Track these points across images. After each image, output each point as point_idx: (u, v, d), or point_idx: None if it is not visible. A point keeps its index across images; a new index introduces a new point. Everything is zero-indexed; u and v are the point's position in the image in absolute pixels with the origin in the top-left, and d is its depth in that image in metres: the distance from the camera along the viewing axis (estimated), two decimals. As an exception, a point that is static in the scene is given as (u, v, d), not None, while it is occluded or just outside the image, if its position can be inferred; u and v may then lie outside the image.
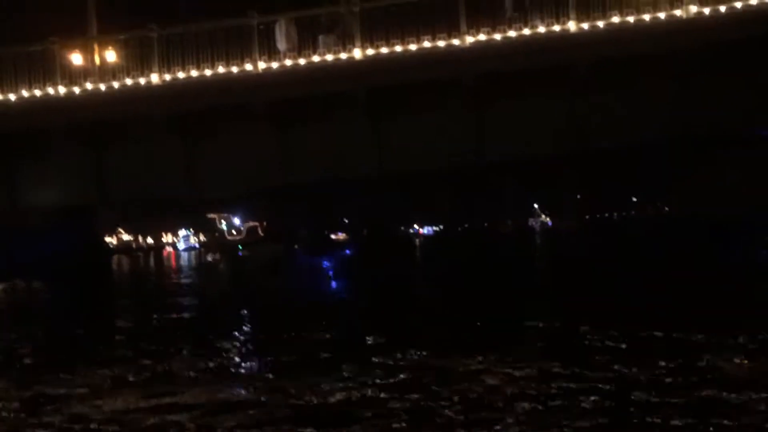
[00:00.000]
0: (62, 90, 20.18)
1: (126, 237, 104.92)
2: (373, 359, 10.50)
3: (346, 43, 19.20)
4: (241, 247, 61.78)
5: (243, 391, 9.21)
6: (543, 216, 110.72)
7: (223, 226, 67.30)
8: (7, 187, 21.31)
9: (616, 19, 18.31)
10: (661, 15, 18.34)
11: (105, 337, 15.40)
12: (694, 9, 18.14)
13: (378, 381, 9.19)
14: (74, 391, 10.07)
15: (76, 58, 20.81)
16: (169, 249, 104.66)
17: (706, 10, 18.11)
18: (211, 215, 67.17)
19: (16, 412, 9.15)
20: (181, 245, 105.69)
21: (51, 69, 20.21)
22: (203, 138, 20.69)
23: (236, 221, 67.60)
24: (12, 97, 20.22)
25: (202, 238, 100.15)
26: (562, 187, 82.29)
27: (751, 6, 17.93)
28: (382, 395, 8.45)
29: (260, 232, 64.75)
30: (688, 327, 11.47)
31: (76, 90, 20.22)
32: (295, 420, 7.61)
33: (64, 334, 16.28)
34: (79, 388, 10.20)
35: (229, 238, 65.57)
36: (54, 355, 13.60)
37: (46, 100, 20.13)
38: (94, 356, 12.62)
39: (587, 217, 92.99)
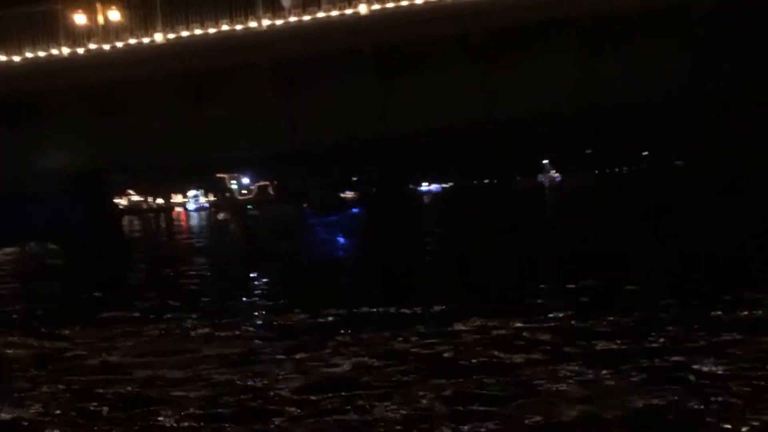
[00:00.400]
0: (66, 51, 20.01)
1: (136, 198, 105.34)
2: (379, 325, 10.44)
3: (352, -1, 18.86)
4: (249, 206, 61.99)
5: (252, 358, 9.22)
6: (553, 172, 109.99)
7: (234, 185, 67.50)
8: (16, 151, 21.32)
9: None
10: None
11: (117, 295, 15.56)
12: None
13: (385, 347, 9.13)
14: (82, 343, 10.27)
15: (80, 18, 20.57)
16: (178, 209, 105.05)
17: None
18: (221, 175, 67.32)
19: (29, 366, 9.30)
20: (191, 205, 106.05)
21: (54, 30, 20.02)
22: (210, 99, 20.52)
23: (245, 181, 67.72)
24: (16, 58, 20.08)
25: (211, 197, 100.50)
26: (572, 143, 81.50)
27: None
28: (389, 362, 8.39)
29: (270, 191, 64.92)
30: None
31: (80, 51, 20.05)
32: (305, 388, 7.60)
33: (75, 293, 16.43)
34: (90, 341, 10.40)
35: (239, 197, 65.82)
36: (63, 311, 13.78)
37: (50, 62, 19.99)
38: (105, 313, 12.74)
39: (597, 172, 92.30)
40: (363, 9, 18.79)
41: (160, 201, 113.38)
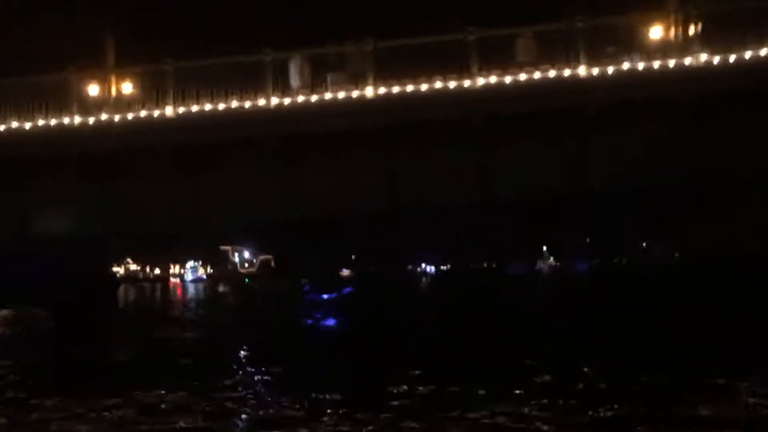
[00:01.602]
0: (77, 119, 20.45)
1: (133, 267, 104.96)
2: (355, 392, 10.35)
3: (358, 81, 19.44)
4: (247, 279, 61.78)
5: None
6: (551, 259, 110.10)
7: (236, 258, 67.50)
8: (18, 214, 21.45)
9: (626, 65, 18.51)
10: (671, 62, 18.52)
11: (100, 366, 15.36)
12: (703, 57, 18.30)
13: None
14: (61, 415, 10.04)
15: (93, 89, 21.12)
16: (174, 280, 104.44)
17: (716, 59, 18.27)
18: (224, 247, 67.43)
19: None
20: (188, 276, 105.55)
21: (67, 99, 20.52)
22: (210, 171, 20.79)
23: (246, 254, 67.81)
24: (27, 125, 20.49)
25: (209, 269, 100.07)
26: (570, 229, 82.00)
27: (760, 57, 18.07)
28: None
29: (272, 265, 64.83)
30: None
31: (91, 120, 20.50)
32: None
33: (63, 363, 16.23)
34: (59, 414, 10.23)
35: (241, 270, 65.74)
36: (47, 382, 13.56)
37: (60, 130, 20.39)
38: (87, 384, 12.55)
39: (596, 261, 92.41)
40: (369, 92, 19.35)
41: (157, 271, 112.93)
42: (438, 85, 19.08)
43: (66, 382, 12.84)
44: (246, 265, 65.95)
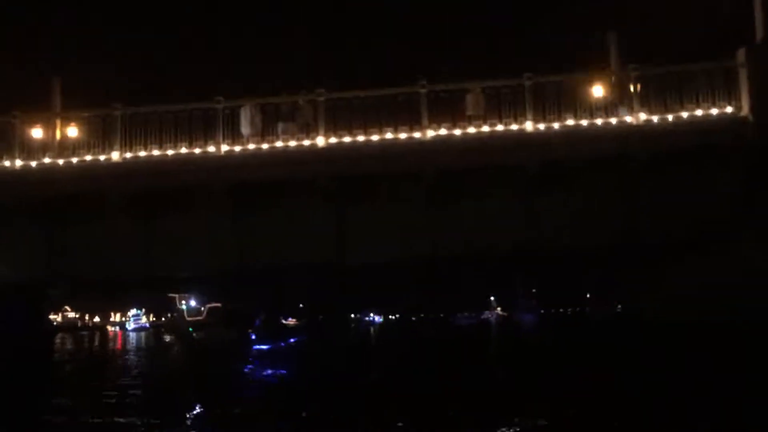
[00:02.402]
0: (18, 163, 19.96)
1: (72, 314, 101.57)
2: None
3: (309, 131, 19.56)
4: (192, 329, 60.24)
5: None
6: (499, 309, 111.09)
7: (183, 306, 65.93)
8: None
9: (570, 122, 19.12)
10: (613, 120, 19.22)
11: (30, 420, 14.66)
12: (643, 116, 19.06)
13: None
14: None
15: (36, 133, 20.71)
16: (114, 329, 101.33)
17: (655, 118, 19.05)
18: (172, 294, 65.83)
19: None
20: (130, 325, 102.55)
21: (9, 143, 20.05)
22: (160, 217, 20.48)
23: (192, 302, 66.38)
24: (-34, 168, 19.89)
25: (152, 318, 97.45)
26: (517, 282, 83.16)
27: (696, 117, 18.93)
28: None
29: (221, 314, 63.39)
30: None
31: (33, 164, 20.03)
32: None
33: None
34: None
35: (189, 318, 64.14)
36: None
37: (1, 173, 19.84)
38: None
39: (542, 311, 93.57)
40: (320, 141, 19.47)
41: (96, 319, 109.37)
42: (389, 136, 19.33)
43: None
44: (194, 313, 64.43)
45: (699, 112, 18.89)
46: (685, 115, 18.92)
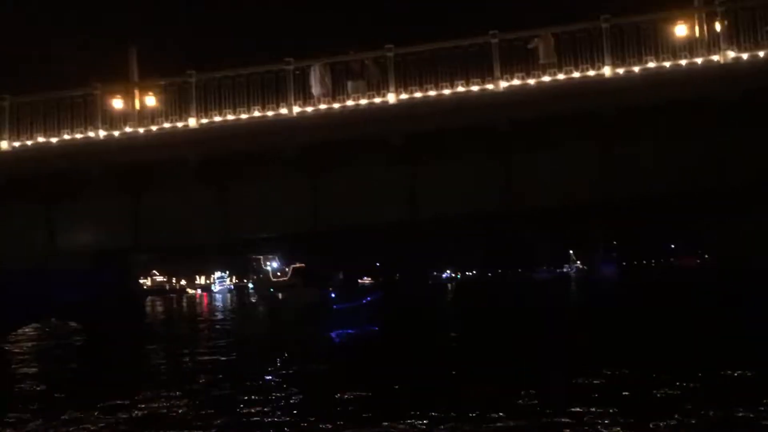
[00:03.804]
0: (102, 133, 20.63)
1: (159, 278, 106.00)
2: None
3: (380, 88, 19.35)
4: (272, 290, 61.71)
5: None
6: (578, 262, 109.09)
7: (269, 267, 67.46)
8: (46, 229, 21.69)
9: (652, 65, 18.17)
10: (698, 60, 18.15)
11: (127, 379, 15.42)
12: (731, 54, 17.91)
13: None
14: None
15: (117, 103, 21.32)
16: (195, 291, 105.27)
17: (744, 56, 17.87)
18: (256, 257, 67.45)
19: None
20: (216, 287, 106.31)
21: (92, 113, 20.72)
22: (237, 182, 20.86)
23: (275, 264, 67.80)
24: (54, 140, 20.72)
25: (235, 279, 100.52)
26: (598, 233, 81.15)
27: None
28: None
29: (305, 273, 64.45)
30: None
31: (116, 133, 20.67)
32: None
33: (88, 376, 16.33)
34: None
35: (274, 279, 65.68)
36: (71, 395, 13.65)
37: (86, 144, 20.58)
38: (114, 400, 12.60)
39: (624, 264, 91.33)
40: (391, 98, 19.23)
41: (183, 282, 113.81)
42: (461, 89, 18.90)
43: (89, 395, 12.88)
44: (279, 274, 65.79)
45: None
46: (777, 50, 17.64)
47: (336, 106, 19.59)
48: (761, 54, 17.74)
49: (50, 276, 21.78)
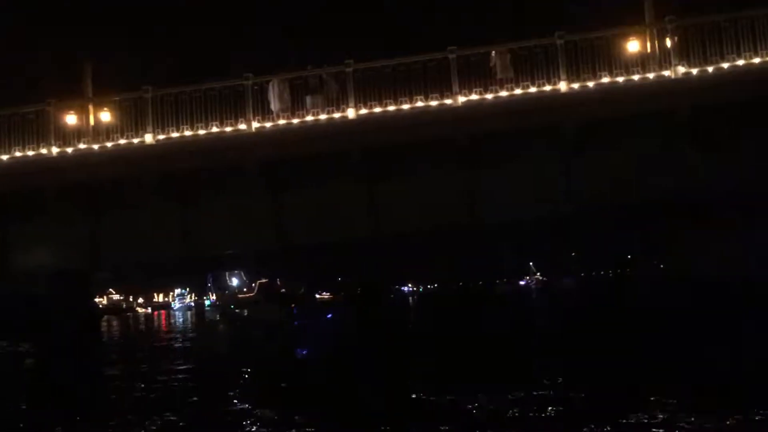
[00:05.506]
0: (55, 150, 20.20)
1: (116, 297, 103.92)
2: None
3: (339, 103, 19.37)
4: (233, 306, 61.00)
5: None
6: (538, 274, 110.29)
7: (234, 282, 66.72)
8: (0, 249, 21.06)
9: (605, 80, 18.57)
10: (650, 75, 18.62)
11: (82, 406, 15.01)
12: (682, 70, 18.42)
13: None
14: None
15: (71, 119, 20.90)
16: (146, 310, 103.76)
17: (694, 71, 18.40)
18: (219, 272, 66.77)
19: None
20: (176, 304, 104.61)
21: (45, 130, 20.26)
22: (197, 198, 20.57)
23: (235, 281, 67.13)
24: (4, 157, 20.20)
25: (195, 297, 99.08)
26: (557, 245, 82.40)
27: (737, 67, 18.21)
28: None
29: (274, 289, 63.89)
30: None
31: (69, 150, 20.26)
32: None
33: (38, 401, 15.85)
34: None
35: (240, 296, 64.97)
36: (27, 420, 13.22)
37: (39, 161, 20.11)
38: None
39: (582, 275, 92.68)
40: (351, 113, 19.27)
41: (140, 300, 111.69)
42: (420, 104, 19.04)
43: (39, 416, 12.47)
44: (245, 290, 65.11)
45: (740, 62, 18.19)
46: (726, 66, 18.22)
47: (295, 121, 19.55)
48: (710, 69, 18.28)
49: (3, 297, 21.18)
